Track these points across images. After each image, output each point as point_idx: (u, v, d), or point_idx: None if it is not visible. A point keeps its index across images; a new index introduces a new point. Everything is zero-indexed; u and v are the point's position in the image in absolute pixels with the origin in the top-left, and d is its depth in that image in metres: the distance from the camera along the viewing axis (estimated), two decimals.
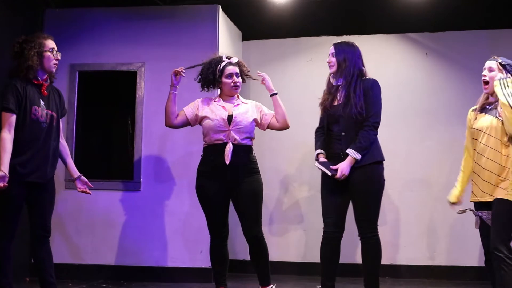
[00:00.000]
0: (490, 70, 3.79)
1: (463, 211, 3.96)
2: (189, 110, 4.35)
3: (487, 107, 3.84)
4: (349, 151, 3.96)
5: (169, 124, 4.37)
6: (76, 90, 5.74)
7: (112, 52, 5.73)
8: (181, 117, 4.35)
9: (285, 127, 4.39)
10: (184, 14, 5.73)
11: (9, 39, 4.27)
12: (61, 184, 5.48)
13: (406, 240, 5.87)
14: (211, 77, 4.29)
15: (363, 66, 4.18)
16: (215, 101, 4.30)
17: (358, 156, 3.94)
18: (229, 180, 4.18)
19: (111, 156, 6.40)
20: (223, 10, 5.77)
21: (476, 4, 5.81)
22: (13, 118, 3.86)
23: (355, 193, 4.03)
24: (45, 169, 3.98)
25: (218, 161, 4.16)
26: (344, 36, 6.11)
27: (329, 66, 4.16)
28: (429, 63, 6.05)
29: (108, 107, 6.25)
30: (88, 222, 5.62)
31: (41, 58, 3.96)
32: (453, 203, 4.05)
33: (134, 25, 5.75)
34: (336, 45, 4.18)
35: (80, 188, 4.25)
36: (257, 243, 4.25)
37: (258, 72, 4.39)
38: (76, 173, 4.25)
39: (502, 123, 3.68)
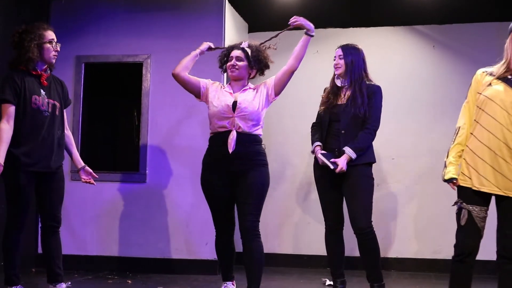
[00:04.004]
0: None
1: (457, 203, 3.34)
2: (203, 81, 4.11)
3: (510, 77, 3.25)
4: (347, 149, 4.13)
5: (175, 72, 4.05)
6: (82, 82, 5.74)
7: (118, 44, 5.72)
8: (193, 79, 4.10)
9: (294, 66, 4.00)
10: (190, 5, 5.71)
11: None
12: (66, 175, 5.44)
13: (412, 233, 5.86)
14: (224, 60, 4.14)
15: (366, 69, 4.32)
16: (223, 88, 4.08)
17: (354, 156, 4.12)
18: (233, 171, 3.91)
19: (117, 147, 6.42)
20: (229, 1, 5.75)
21: None
22: (12, 109, 3.88)
23: (348, 190, 4.20)
24: (50, 159, 3.99)
25: (222, 150, 3.90)
26: (351, 28, 6.11)
27: (336, 68, 4.30)
28: (436, 56, 6.02)
29: (114, 98, 6.26)
30: (93, 214, 5.63)
31: (41, 50, 3.97)
32: (455, 181, 3.32)
33: (140, 17, 5.74)
34: (343, 48, 4.30)
35: (84, 179, 4.27)
36: (250, 239, 3.84)
37: (294, 18, 4.02)
38: (80, 163, 4.26)
39: None
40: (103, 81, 6.04)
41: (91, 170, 4.27)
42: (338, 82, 4.30)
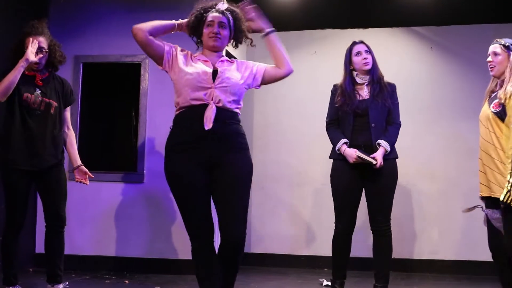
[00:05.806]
0: (495, 54, 3.61)
1: (470, 209, 3.66)
2: (169, 45, 3.33)
3: (492, 93, 3.61)
4: (383, 143, 4.14)
5: (136, 27, 3.26)
6: (80, 82, 5.74)
7: (116, 44, 5.72)
8: (156, 41, 3.27)
9: (284, 72, 3.29)
10: (189, 6, 5.63)
11: (14, 30, 4.29)
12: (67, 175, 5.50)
13: (410, 234, 5.87)
14: (196, 24, 3.36)
15: None
16: (193, 56, 3.32)
17: (389, 149, 4.16)
18: (210, 155, 3.09)
19: (115, 147, 6.40)
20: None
21: None
22: None
23: (374, 186, 4.17)
24: (41, 157, 3.99)
25: (196, 128, 3.08)
26: (349, 29, 6.12)
27: (365, 64, 4.20)
28: (434, 57, 6.04)
29: (112, 98, 6.25)
30: (91, 214, 5.63)
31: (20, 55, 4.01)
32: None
33: (139, 17, 5.64)
34: (365, 43, 4.25)
35: (77, 178, 4.27)
36: (235, 248, 3.09)
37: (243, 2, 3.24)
38: (76, 162, 4.26)
39: (496, 115, 3.42)
40: (101, 81, 6.04)
41: (86, 170, 4.26)
42: (359, 80, 4.23)
